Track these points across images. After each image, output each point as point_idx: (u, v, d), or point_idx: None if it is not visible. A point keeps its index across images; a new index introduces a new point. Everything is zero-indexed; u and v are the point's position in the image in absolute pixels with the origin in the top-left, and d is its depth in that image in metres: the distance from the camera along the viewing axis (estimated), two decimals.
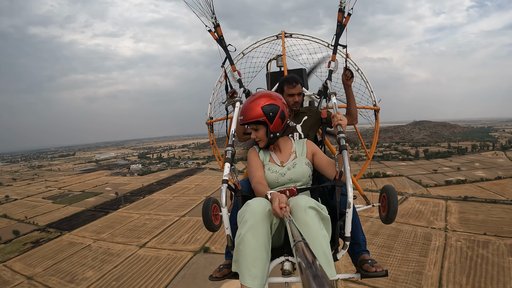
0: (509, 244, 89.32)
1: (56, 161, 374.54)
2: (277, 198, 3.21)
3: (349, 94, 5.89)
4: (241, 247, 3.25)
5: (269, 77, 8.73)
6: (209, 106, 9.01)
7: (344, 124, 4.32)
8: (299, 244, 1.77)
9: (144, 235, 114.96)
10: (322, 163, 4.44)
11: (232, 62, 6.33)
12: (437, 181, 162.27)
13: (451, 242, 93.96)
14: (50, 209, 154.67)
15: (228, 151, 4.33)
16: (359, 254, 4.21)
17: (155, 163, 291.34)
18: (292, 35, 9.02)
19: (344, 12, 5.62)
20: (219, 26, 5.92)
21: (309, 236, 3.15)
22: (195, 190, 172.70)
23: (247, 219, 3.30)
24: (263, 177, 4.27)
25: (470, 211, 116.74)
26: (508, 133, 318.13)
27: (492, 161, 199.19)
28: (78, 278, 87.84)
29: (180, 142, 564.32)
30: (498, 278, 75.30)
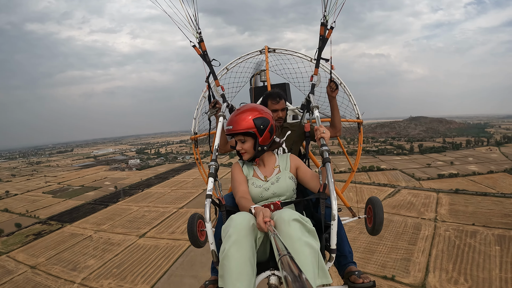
0: (497, 234, 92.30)
1: (54, 157, 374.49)
2: (261, 212, 3.29)
3: (334, 106, 5.95)
4: (226, 262, 3.23)
5: (252, 92, 9.15)
6: (193, 122, 9.14)
7: (327, 137, 4.40)
8: (284, 258, 1.83)
9: (143, 226, 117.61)
10: (306, 176, 4.52)
11: (215, 77, 6.27)
12: (430, 175, 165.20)
13: (440, 232, 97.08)
14: (51, 203, 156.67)
15: (211, 165, 4.38)
16: (346, 266, 4.22)
17: (153, 158, 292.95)
18: (275, 50, 9.21)
19: (327, 26, 5.68)
20: (203, 42, 5.92)
21: (293, 249, 3.16)
22: (193, 184, 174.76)
23: (231, 234, 3.31)
24: (247, 192, 4.33)
25: (461, 203, 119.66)
26: (504, 129, 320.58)
27: (486, 156, 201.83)
28: (81, 266, 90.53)
29: (177, 138, 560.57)
30: (484, 266, 78.28)
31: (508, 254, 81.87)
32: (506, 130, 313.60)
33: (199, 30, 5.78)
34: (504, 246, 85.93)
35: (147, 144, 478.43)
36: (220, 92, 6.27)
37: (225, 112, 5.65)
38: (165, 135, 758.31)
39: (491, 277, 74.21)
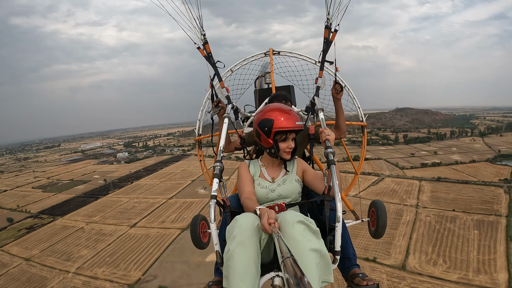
0: (476, 219, 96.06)
1: (42, 153, 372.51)
2: (265, 213, 3.22)
3: (338, 108, 5.94)
4: (230, 263, 3.19)
5: (257, 94, 9.13)
6: (198, 123, 8.95)
7: (332, 139, 4.30)
8: (287, 260, 1.83)
9: (134, 216, 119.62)
10: (312, 179, 4.50)
11: (220, 79, 6.23)
12: (414, 164, 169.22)
13: (421, 217, 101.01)
14: (41, 198, 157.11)
15: (216, 166, 4.27)
16: (349, 268, 4.24)
17: (141, 151, 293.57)
18: (280, 53, 9.15)
19: (331, 29, 5.63)
20: (208, 43, 5.89)
21: (297, 251, 3.11)
22: (181, 175, 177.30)
23: (235, 235, 3.26)
24: (252, 193, 4.30)
25: (442, 191, 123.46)
26: (489, 121, 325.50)
27: (469, 146, 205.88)
28: (74, 256, 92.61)
29: (165, 131, 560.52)
30: (462, 248, 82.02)
31: (486, 238, 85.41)
32: (491, 121, 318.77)
33: (203, 32, 5.86)
34: (483, 230, 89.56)
35: (135, 137, 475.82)
36: (225, 94, 6.30)
37: (230, 113, 5.60)
38: (153, 128, 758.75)
39: (469, 258, 77.61)
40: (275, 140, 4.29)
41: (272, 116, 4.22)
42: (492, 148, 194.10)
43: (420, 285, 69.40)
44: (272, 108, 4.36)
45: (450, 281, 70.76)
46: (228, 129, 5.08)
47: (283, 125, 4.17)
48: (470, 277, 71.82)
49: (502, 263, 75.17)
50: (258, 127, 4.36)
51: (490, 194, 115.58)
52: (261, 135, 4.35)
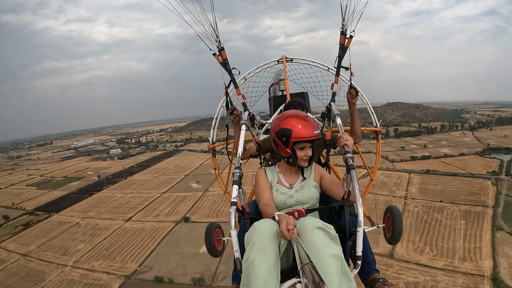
0: (463, 210, 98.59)
1: (34, 151, 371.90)
2: (284, 219, 3.19)
3: (354, 112, 5.85)
4: (251, 270, 3.14)
5: (271, 101, 9.19)
6: (212, 131, 9.01)
7: (350, 145, 4.28)
8: (306, 266, 1.85)
9: (128, 211, 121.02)
10: (330, 184, 4.48)
11: (236, 86, 6.13)
12: (403, 157, 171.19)
13: (409, 208, 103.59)
14: (36, 195, 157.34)
15: (235, 173, 4.26)
16: (369, 274, 4.15)
17: (134, 147, 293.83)
18: (293, 60, 9.20)
19: (346, 34, 5.62)
20: (224, 50, 5.81)
21: (317, 257, 3.07)
22: (175, 170, 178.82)
23: (255, 241, 3.25)
24: (270, 199, 4.29)
25: (431, 183, 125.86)
26: (479, 115, 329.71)
27: (459, 140, 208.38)
28: (71, 250, 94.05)
29: (157, 127, 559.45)
30: (449, 237, 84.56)
31: (472, 227, 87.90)
32: (481, 115, 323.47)
33: (218, 39, 5.75)
34: (469, 220, 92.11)
35: (127, 134, 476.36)
36: (241, 101, 6.14)
37: (247, 120, 5.53)
38: (145, 125, 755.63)
39: (455, 247, 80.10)
40: (293, 150, 4.31)
41: (290, 126, 4.24)
42: (482, 141, 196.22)
43: (407, 272, 71.57)
44: (290, 116, 4.37)
45: (436, 268, 72.86)
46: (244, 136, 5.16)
47: (302, 135, 4.19)
48: (455, 264, 73.97)
49: (488, 251, 77.42)
50: (276, 136, 4.38)
51: (478, 186, 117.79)
52: (279, 144, 4.38)
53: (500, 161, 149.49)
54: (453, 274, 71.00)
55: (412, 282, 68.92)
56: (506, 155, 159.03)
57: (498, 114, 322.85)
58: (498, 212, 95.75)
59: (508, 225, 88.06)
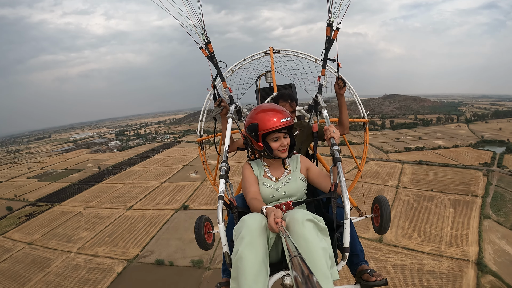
0: (453, 199, 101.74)
1: (33, 144, 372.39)
2: (272, 213, 3.21)
3: (342, 104, 5.75)
4: (240, 264, 3.17)
5: (258, 93, 9.05)
6: (199, 124, 9.01)
7: (337, 137, 4.24)
8: (295, 259, 1.80)
9: (129, 200, 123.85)
10: (317, 176, 4.41)
11: (223, 79, 6.01)
12: (398, 148, 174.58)
13: (400, 196, 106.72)
14: (37, 187, 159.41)
15: (222, 167, 4.27)
16: (358, 265, 4.17)
17: (133, 139, 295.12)
18: (280, 51, 9.12)
19: (333, 27, 5.51)
20: (210, 43, 5.67)
21: (307, 250, 3.12)
22: (173, 161, 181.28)
23: (244, 235, 3.27)
24: (258, 192, 4.24)
25: (423, 173, 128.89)
26: (476, 108, 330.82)
27: (454, 132, 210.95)
28: (75, 238, 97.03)
29: (155, 119, 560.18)
30: (437, 224, 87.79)
31: (460, 215, 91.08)
32: (478, 108, 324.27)
33: (205, 32, 5.66)
34: (458, 209, 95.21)
35: (125, 126, 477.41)
36: (228, 94, 6.08)
37: (234, 113, 5.53)
38: (143, 117, 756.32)
39: (442, 233, 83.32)
40: (266, 142, 4.25)
41: (256, 120, 4.19)
42: (476, 134, 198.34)
43: (395, 255, 74.81)
44: (257, 110, 4.33)
45: (423, 252, 76.04)
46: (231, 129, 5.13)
47: (269, 125, 4.12)
48: (442, 249, 77.05)
49: (474, 237, 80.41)
50: (247, 133, 4.37)
51: (469, 176, 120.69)
52: (251, 140, 4.37)
53: (493, 153, 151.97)
54: (439, 258, 73.69)
55: (399, 265, 71.81)
56: (500, 148, 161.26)
57: (495, 107, 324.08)
58: (487, 202, 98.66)
59: (496, 214, 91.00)
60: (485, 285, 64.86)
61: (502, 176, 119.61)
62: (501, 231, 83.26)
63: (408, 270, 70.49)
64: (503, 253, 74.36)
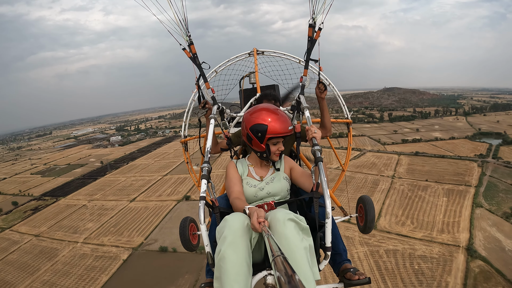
0: (447, 188, 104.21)
1: (34, 141, 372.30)
2: (255, 212, 3.22)
3: (323, 107, 5.90)
4: (222, 264, 3.18)
5: (242, 94, 9.20)
6: (183, 125, 9.16)
7: (318, 137, 4.31)
8: (278, 258, 1.82)
9: (132, 192, 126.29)
10: (299, 176, 4.52)
11: (205, 80, 5.98)
12: (395, 140, 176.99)
13: (395, 186, 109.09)
14: (41, 182, 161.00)
15: (204, 167, 4.24)
16: (340, 264, 4.21)
17: (134, 134, 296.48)
18: (264, 52, 9.13)
19: (315, 27, 5.46)
20: (193, 44, 5.65)
21: (289, 249, 3.15)
22: (174, 154, 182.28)
23: (226, 235, 3.28)
24: (241, 192, 4.31)
25: (418, 164, 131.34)
26: (475, 101, 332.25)
27: (452, 125, 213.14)
28: (81, 229, 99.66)
29: (156, 114, 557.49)
30: (430, 212, 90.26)
31: (453, 204, 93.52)
32: (477, 101, 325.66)
33: (188, 33, 5.67)
34: (451, 197, 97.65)
35: (126, 121, 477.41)
36: (211, 95, 6.01)
37: (216, 114, 5.55)
38: (143, 112, 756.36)
39: (435, 221, 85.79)
40: (267, 145, 4.32)
41: (265, 121, 4.21)
42: (474, 126, 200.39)
43: (388, 241, 77.52)
44: (264, 110, 4.34)
45: (415, 238, 78.63)
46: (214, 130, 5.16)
47: (278, 131, 4.19)
48: (433, 235, 79.51)
49: (465, 225, 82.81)
50: (250, 132, 4.32)
51: (464, 167, 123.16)
52: (253, 139, 4.36)
53: (489, 145, 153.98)
54: (430, 244, 76.25)
55: (392, 250, 74.46)
56: (496, 140, 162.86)
57: (494, 100, 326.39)
58: (480, 191, 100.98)
59: (488, 203, 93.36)
60: (474, 269, 67.00)
61: (496, 167, 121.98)
62: (493, 219, 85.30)
63: (400, 255, 72.90)
64: (493, 239, 76.46)
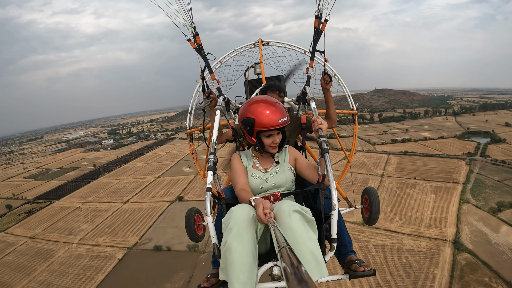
0: (435, 186, 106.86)
1: (26, 145, 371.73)
2: (261, 204, 3.19)
3: (328, 98, 5.79)
4: (228, 255, 3.16)
5: (247, 84, 9.19)
6: (188, 116, 8.91)
7: (324, 128, 4.18)
8: (284, 250, 1.78)
9: (126, 194, 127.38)
10: (304, 167, 4.43)
11: (211, 71, 5.94)
12: (385, 140, 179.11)
13: (384, 184, 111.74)
14: (34, 186, 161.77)
15: (210, 159, 4.20)
16: (346, 255, 4.15)
17: (126, 137, 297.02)
18: (269, 43, 9.13)
19: (321, 18, 5.51)
20: (198, 35, 5.57)
21: (294, 240, 3.11)
22: (167, 157, 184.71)
23: (232, 226, 3.25)
24: (246, 184, 4.26)
25: (407, 162, 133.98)
26: (465, 101, 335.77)
27: (441, 124, 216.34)
28: (75, 230, 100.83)
29: (147, 117, 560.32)
30: (418, 209, 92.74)
31: (441, 200, 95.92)
32: (467, 102, 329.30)
33: (193, 24, 5.55)
34: (439, 194, 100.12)
35: (118, 125, 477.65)
36: (216, 86, 5.98)
37: (222, 105, 5.39)
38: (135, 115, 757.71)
39: (422, 216, 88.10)
40: (259, 138, 4.27)
41: (254, 115, 4.14)
42: (463, 126, 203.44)
43: (376, 236, 79.49)
44: (255, 102, 4.27)
45: (403, 234, 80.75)
46: (219, 120, 5.06)
47: (265, 124, 4.10)
48: (421, 230, 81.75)
49: (453, 220, 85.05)
50: (241, 125, 4.32)
51: (452, 165, 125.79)
52: (244, 132, 4.39)
53: (477, 143, 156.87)
54: (418, 239, 78.44)
55: (380, 245, 76.63)
56: (484, 138, 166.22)
57: (484, 100, 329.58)
58: (467, 188, 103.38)
59: (475, 199, 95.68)
60: (461, 262, 69.08)
61: (484, 165, 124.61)
62: (479, 214, 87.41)
63: (388, 249, 74.97)
64: (479, 233, 78.58)
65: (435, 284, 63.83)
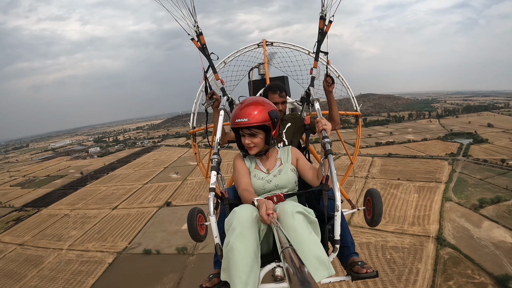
0: (418, 185, 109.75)
1: (11, 154, 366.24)
2: (264, 204, 3.18)
3: (331, 100, 5.81)
4: (231, 255, 3.18)
5: (251, 85, 9.08)
6: (192, 116, 8.82)
7: (328, 129, 4.13)
8: (286, 250, 1.78)
9: (114, 201, 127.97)
10: (303, 168, 4.44)
11: (215, 71, 6.06)
12: (369, 144, 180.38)
13: (368, 186, 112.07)
14: (21, 194, 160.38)
15: (213, 159, 4.18)
16: (348, 257, 4.17)
17: (112, 145, 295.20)
18: (273, 44, 9.06)
19: (325, 20, 5.49)
20: (202, 35, 5.66)
21: (297, 241, 3.11)
22: (154, 164, 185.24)
23: (234, 226, 3.25)
24: (249, 184, 4.23)
25: (391, 164, 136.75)
26: (449, 104, 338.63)
27: (425, 127, 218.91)
28: (65, 237, 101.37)
29: (134, 125, 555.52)
30: (401, 208, 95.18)
31: (424, 199, 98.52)
32: (451, 104, 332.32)
33: (196, 24, 5.59)
34: (422, 194, 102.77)
35: (104, 133, 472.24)
36: (220, 86, 6.10)
37: (226, 105, 5.47)
38: (121, 123, 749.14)
39: (406, 215, 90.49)
40: (238, 136, 4.34)
41: (233, 113, 4.17)
42: (446, 127, 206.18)
43: (361, 235, 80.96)
44: (241, 103, 4.25)
45: (387, 231, 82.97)
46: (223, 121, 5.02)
47: (236, 123, 4.08)
48: (405, 228, 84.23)
49: (435, 217, 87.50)
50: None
51: (435, 166, 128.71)
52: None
53: (460, 144, 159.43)
54: (402, 236, 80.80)
55: (365, 242, 78.49)
56: (467, 139, 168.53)
57: (467, 103, 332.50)
58: (450, 187, 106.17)
59: (458, 197, 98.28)
60: (444, 256, 71.50)
61: (466, 164, 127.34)
62: (461, 210, 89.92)
63: (373, 247, 77.22)
64: (462, 229, 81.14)
65: (419, 277, 65.92)
